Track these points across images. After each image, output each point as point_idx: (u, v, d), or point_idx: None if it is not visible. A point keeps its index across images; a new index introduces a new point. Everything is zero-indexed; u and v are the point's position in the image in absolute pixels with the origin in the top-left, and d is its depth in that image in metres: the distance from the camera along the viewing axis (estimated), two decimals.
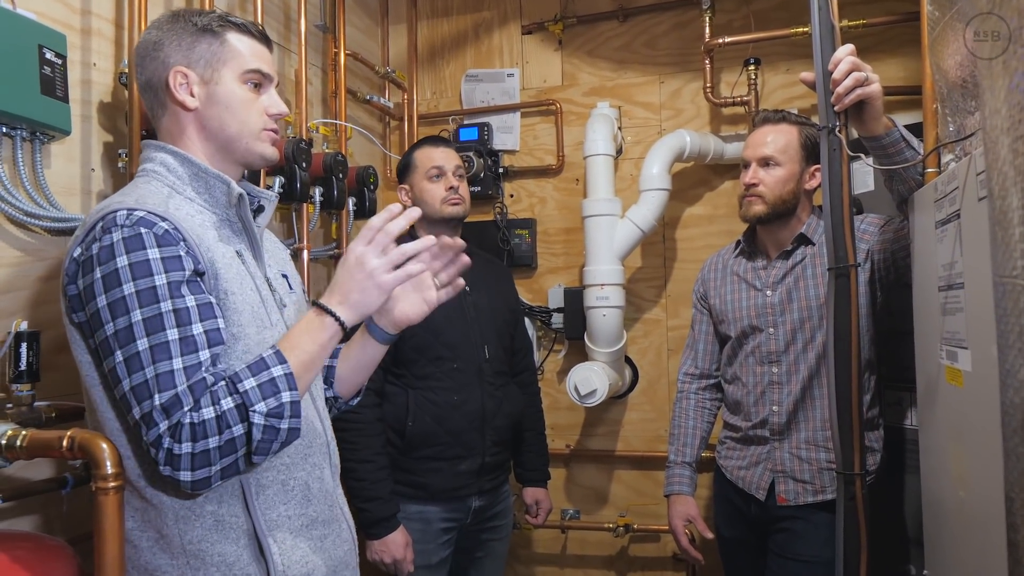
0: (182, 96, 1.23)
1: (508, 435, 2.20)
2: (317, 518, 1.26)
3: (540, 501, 2.38)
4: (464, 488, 2.07)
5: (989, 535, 1.13)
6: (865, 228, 1.83)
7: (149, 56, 1.24)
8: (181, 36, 1.23)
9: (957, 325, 1.26)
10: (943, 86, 1.42)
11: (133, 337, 1.06)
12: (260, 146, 1.28)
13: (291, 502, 1.22)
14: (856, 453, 1.52)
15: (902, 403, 1.92)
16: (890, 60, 2.52)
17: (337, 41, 2.60)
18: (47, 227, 1.54)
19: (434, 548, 2.05)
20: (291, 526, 1.21)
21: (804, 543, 1.83)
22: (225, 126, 1.25)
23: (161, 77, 1.23)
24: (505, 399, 2.16)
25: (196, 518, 1.14)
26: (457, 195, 2.14)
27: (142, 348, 1.05)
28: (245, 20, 1.29)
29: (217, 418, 1.06)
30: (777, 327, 1.91)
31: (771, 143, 1.90)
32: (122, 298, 1.06)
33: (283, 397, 1.09)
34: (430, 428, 2.02)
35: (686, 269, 2.80)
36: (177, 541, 1.14)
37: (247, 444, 1.08)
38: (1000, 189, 0.74)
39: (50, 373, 1.52)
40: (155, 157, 1.24)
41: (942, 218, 1.34)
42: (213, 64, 1.23)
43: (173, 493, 1.14)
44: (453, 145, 2.26)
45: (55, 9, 1.60)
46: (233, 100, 1.24)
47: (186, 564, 1.14)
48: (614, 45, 2.93)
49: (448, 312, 2.02)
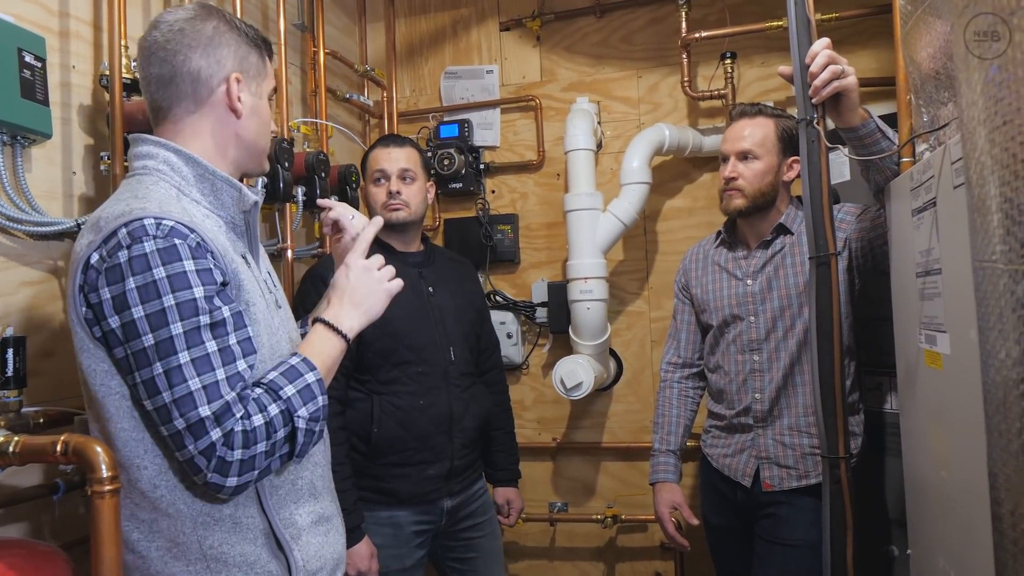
0: (238, 104, 1.23)
1: (477, 436, 2.15)
2: (323, 514, 1.30)
3: (511, 501, 2.32)
4: (433, 492, 2.02)
5: (971, 512, 1.16)
6: (843, 217, 1.87)
7: (201, 49, 1.20)
8: (238, 42, 1.24)
9: (935, 310, 1.30)
10: (916, 77, 1.45)
11: (175, 349, 1.05)
12: (266, 161, 1.36)
13: (300, 500, 1.25)
14: (840, 437, 1.55)
15: (881, 388, 1.96)
16: (863, 52, 2.57)
17: (316, 40, 2.59)
18: (29, 231, 1.53)
19: (407, 551, 1.99)
20: (303, 523, 1.24)
21: (790, 527, 1.87)
22: (259, 140, 1.29)
23: (215, 76, 1.21)
24: (472, 400, 2.12)
25: (215, 523, 1.15)
26: (397, 200, 2.05)
27: (183, 360, 1.05)
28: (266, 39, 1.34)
29: (266, 424, 1.09)
30: (758, 315, 1.95)
31: (749, 137, 1.93)
32: (162, 310, 1.05)
33: (319, 401, 1.16)
34: (396, 433, 1.96)
35: (667, 261, 2.83)
36: (196, 547, 1.14)
37: (290, 447, 1.14)
38: (978, 177, 0.77)
39: (35, 379, 1.52)
40: (156, 154, 1.20)
41: (918, 206, 1.37)
42: (258, 79, 1.27)
43: (192, 500, 1.14)
44: (410, 143, 2.16)
45: (33, 12, 1.59)
46: (266, 116, 1.30)
47: (205, 568, 1.14)
48: (592, 40, 2.95)
49: (412, 315, 2.01)
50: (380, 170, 2.09)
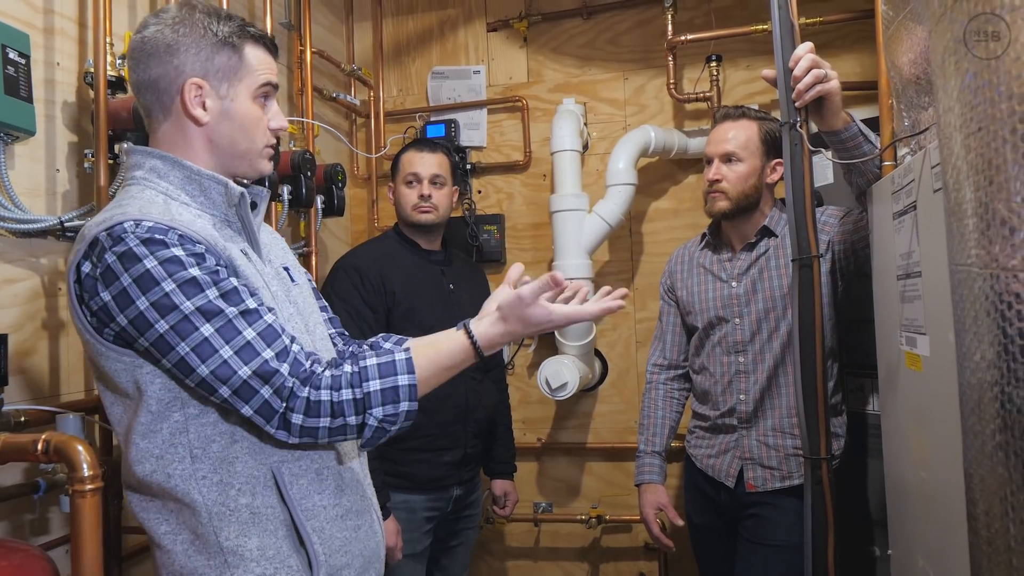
0: (195, 111, 1.18)
1: (486, 427, 2.26)
2: (351, 508, 1.25)
3: (508, 493, 2.43)
4: (447, 478, 2.13)
5: (950, 513, 1.18)
6: (826, 220, 1.88)
7: (159, 57, 1.17)
8: (200, 45, 1.17)
9: (916, 312, 1.31)
10: (898, 82, 1.47)
11: (193, 327, 1.06)
12: (261, 163, 1.27)
13: (325, 492, 1.21)
14: (822, 438, 1.57)
15: (864, 389, 1.98)
16: (846, 56, 2.59)
17: (303, 39, 2.58)
18: (12, 229, 1.52)
19: (418, 536, 2.09)
20: (327, 516, 1.20)
21: (773, 528, 1.88)
22: (235, 144, 1.22)
23: (174, 84, 1.17)
24: (484, 393, 2.23)
25: (230, 513, 1.12)
26: (428, 203, 2.18)
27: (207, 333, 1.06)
28: (259, 29, 1.25)
29: (332, 404, 1.10)
30: (742, 317, 1.96)
31: (732, 139, 1.95)
32: (166, 295, 1.05)
33: (402, 407, 1.15)
34: (419, 420, 1.99)
35: (653, 262, 2.85)
36: (213, 539, 1.11)
37: (359, 435, 1.15)
38: (955, 182, 0.78)
39: (16, 377, 1.51)
40: (143, 163, 1.19)
41: (899, 209, 1.39)
42: (230, 79, 1.20)
43: (206, 490, 1.12)
44: (441, 149, 2.27)
45: (17, 8, 1.58)
46: (246, 119, 1.22)
47: (224, 563, 1.12)
48: (578, 42, 2.96)
49: (436, 308, 2.13)
50: (414, 173, 2.20)
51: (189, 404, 1.11)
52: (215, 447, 1.12)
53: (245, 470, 1.13)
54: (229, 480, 1.12)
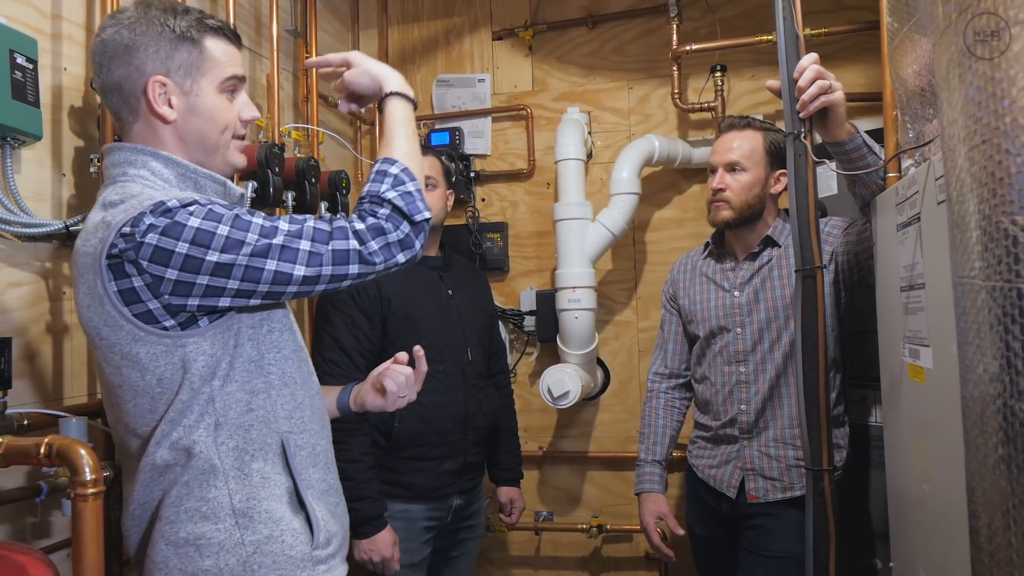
0: (162, 109, 1.18)
1: (486, 435, 2.24)
2: (333, 486, 1.33)
3: (514, 500, 2.41)
4: (447, 487, 2.11)
5: (952, 525, 1.17)
6: (829, 231, 1.89)
7: (119, 59, 1.17)
8: (158, 42, 1.17)
9: (919, 324, 1.31)
10: (903, 94, 1.47)
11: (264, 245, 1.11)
12: (232, 156, 1.28)
13: (317, 466, 1.28)
14: (824, 449, 1.56)
15: (866, 401, 1.98)
16: (851, 67, 2.59)
17: (308, 46, 2.60)
18: (17, 233, 1.52)
19: (417, 547, 2.07)
20: (319, 488, 1.27)
21: (774, 539, 1.88)
22: (204, 137, 1.23)
23: (136, 84, 1.18)
24: (485, 400, 2.21)
25: (245, 477, 1.17)
26: None
27: (277, 241, 1.12)
28: (218, 20, 1.25)
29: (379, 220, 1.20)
30: (744, 327, 1.96)
31: (737, 149, 1.95)
32: (225, 236, 1.09)
33: (410, 187, 1.25)
34: (417, 428, 2.05)
35: (656, 271, 2.85)
36: (226, 501, 1.15)
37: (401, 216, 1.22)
38: (958, 195, 0.78)
39: (19, 380, 1.51)
40: (135, 160, 1.19)
41: (903, 221, 1.39)
42: (192, 74, 1.20)
43: (225, 455, 1.16)
44: (432, 153, 2.26)
45: (26, 14, 1.59)
46: (213, 111, 1.22)
47: (234, 525, 1.15)
48: (583, 51, 2.97)
49: (433, 315, 2.12)
50: None
51: (216, 376, 1.15)
52: (233, 414, 1.17)
53: (259, 437, 1.19)
54: (244, 446, 1.18)
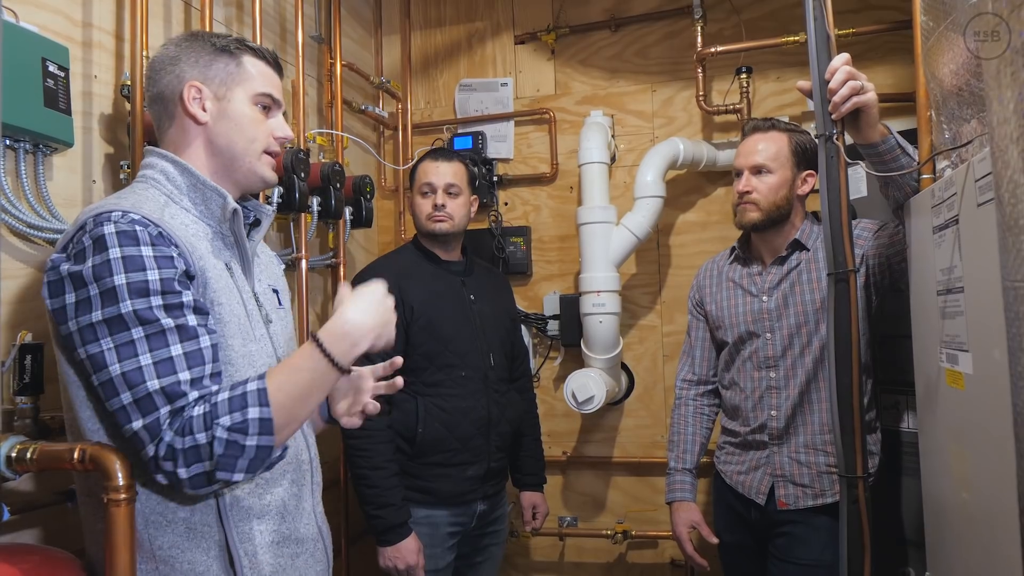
0: (194, 109, 1.26)
1: (510, 440, 2.25)
2: (290, 536, 1.26)
3: (537, 505, 2.40)
4: (470, 493, 2.11)
5: (995, 535, 1.14)
6: (859, 233, 1.86)
7: (165, 70, 1.27)
8: (199, 53, 1.27)
9: (957, 328, 1.29)
10: (938, 94, 1.45)
11: (125, 326, 1.06)
12: (261, 168, 1.31)
13: (265, 517, 1.22)
14: (858, 456, 1.54)
15: (898, 406, 1.95)
16: (879, 67, 2.56)
17: (332, 52, 2.61)
18: (49, 239, 1.54)
19: (441, 552, 2.08)
20: (263, 541, 1.21)
21: (805, 547, 1.85)
22: (232, 143, 1.28)
23: (175, 90, 1.26)
24: (508, 405, 2.21)
25: (167, 524, 1.15)
26: (442, 213, 2.17)
27: (136, 336, 1.06)
28: (262, 46, 1.33)
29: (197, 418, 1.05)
30: (774, 332, 1.94)
31: (762, 151, 1.93)
32: (113, 289, 1.06)
33: (249, 413, 1.06)
34: (440, 434, 2.05)
35: (680, 275, 2.82)
36: (147, 546, 1.14)
37: (210, 457, 1.05)
38: (1011, 196, 0.76)
39: (51, 385, 1.52)
40: (156, 164, 1.26)
41: (940, 223, 1.36)
42: (227, 83, 1.27)
43: (146, 497, 1.14)
44: (457, 159, 2.26)
45: (57, 22, 1.60)
46: (243, 118, 1.28)
47: (155, 570, 1.15)
48: (606, 54, 2.96)
49: (456, 321, 2.13)
50: (428, 183, 2.20)
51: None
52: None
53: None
54: (171, 493, 1.14)
